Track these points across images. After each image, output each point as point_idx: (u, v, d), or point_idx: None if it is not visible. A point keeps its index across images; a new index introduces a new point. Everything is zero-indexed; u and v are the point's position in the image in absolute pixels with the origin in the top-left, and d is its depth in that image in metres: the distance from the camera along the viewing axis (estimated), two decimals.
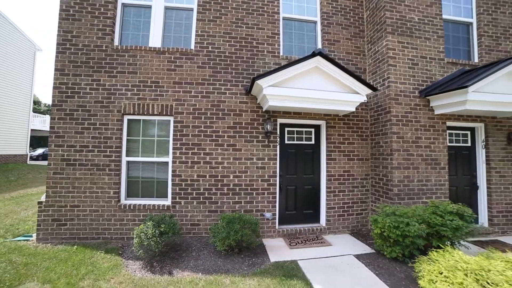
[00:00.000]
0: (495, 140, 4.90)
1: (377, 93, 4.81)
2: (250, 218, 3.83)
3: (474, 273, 2.42)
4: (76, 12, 4.46)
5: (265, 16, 4.81)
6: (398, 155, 4.43)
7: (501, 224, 4.81)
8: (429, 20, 4.81)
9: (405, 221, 3.39)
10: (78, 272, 3.23)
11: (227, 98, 4.51)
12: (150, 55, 4.51)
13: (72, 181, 4.27)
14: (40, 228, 4.18)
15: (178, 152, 4.39)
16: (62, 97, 4.33)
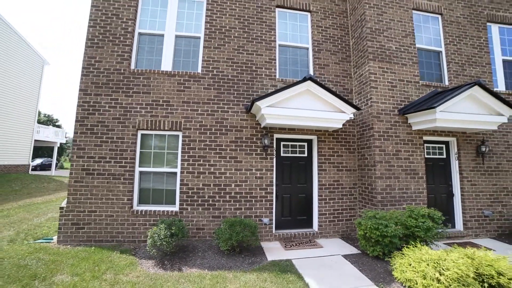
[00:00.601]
0: (466, 152, 5.57)
1: (362, 111, 5.49)
2: (249, 222, 4.36)
3: (433, 262, 2.99)
4: (100, 40, 5.14)
5: (263, 44, 5.54)
6: (381, 166, 5.05)
7: (474, 227, 5.38)
8: (405, 49, 5.58)
9: (384, 223, 3.96)
10: (100, 268, 3.71)
11: (230, 116, 5.15)
12: (162, 77, 5.17)
13: (91, 189, 4.79)
14: (60, 231, 4.66)
15: (186, 163, 4.96)
16: (84, 114, 4.93)
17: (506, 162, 5.71)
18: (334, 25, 6.01)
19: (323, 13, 6.04)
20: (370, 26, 5.48)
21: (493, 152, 5.69)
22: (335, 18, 6.06)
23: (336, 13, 6.09)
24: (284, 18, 5.88)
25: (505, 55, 6.19)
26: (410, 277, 3.07)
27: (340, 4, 6.18)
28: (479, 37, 6.01)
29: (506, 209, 5.56)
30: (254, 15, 5.66)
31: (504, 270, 3.00)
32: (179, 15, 5.54)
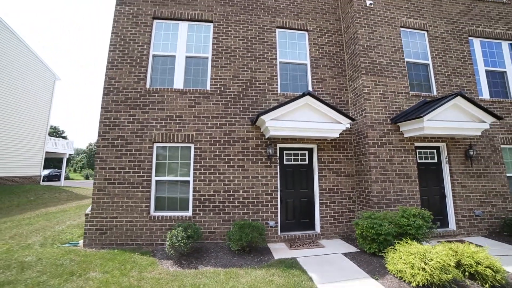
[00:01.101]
0: (456, 156, 6.04)
1: (357, 121, 6.01)
2: (257, 224, 4.84)
3: (420, 254, 3.45)
4: (119, 63, 5.77)
5: (265, 62, 6.14)
6: (376, 171, 5.53)
7: (466, 226, 5.80)
8: (395, 63, 6.14)
9: (379, 222, 4.42)
10: (126, 267, 4.19)
11: (237, 129, 5.70)
12: (175, 95, 5.76)
13: (112, 197, 5.32)
14: (86, 236, 5.17)
15: (198, 172, 5.49)
16: (106, 129, 5.50)
17: (493, 164, 6.16)
18: (330, 43, 6.61)
19: (319, 31, 6.65)
20: (362, 44, 6.06)
21: (480, 155, 6.16)
22: (331, 36, 6.66)
23: (331, 31, 6.70)
24: (283, 37, 6.50)
25: (487, 66, 6.73)
26: (401, 268, 3.53)
27: (334, 23, 6.80)
28: (463, 50, 6.57)
29: (495, 209, 5.98)
30: (257, 36, 6.28)
31: (482, 260, 3.45)
32: (188, 37, 6.18)
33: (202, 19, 6.24)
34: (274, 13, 6.52)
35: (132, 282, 3.73)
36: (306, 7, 6.73)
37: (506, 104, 6.51)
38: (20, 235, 6.45)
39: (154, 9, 6.16)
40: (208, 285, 3.61)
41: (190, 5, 6.29)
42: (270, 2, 6.58)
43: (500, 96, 6.68)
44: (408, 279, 3.38)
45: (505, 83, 6.78)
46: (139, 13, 6.11)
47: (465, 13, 6.82)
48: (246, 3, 6.46)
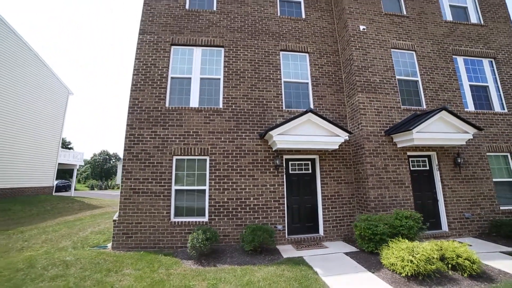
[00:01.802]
0: (445, 164, 6.69)
1: (355, 133, 6.73)
2: (267, 227, 5.49)
3: (408, 249, 4.08)
4: (142, 85, 6.57)
5: (271, 82, 6.93)
6: (372, 178, 6.19)
7: (457, 228, 6.39)
8: (387, 80, 6.90)
9: (375, 223, 5.06)
10: (154, 266, 4.84)
11: (247, 142, 6.43)
12: (191, 112, 6.53)
13: (137, 205, 6.01)
14: (114, 239, 5.83)
15: (213, 181, 6.18)
16: (131, 144, 6.25)
17: (480, 171, 6.80)
18: (329, 63, 7.42)
19: (319, 53, 7.46)
20: (357, 64, 6.85)
21: (468, 162, 6.81)
22: (329, 57, 7.47)
23: (329, 53, 7.52)
24: (287, 59, 7.31)
25: (471, 81, 7.48)
26: (393, 261, 4.15)
27: (332, 45, 7.62)
28: (448, 68, 7.33)
29: (484, 212, 6.58)
30: (263, 59, 7.10)
31: (462, 253, 4.08)
32: (202, 61, 7.00)
33: (214, 44, 7.09)
34: (277, 38, 7.36)
35: (162, 276, 4.38)
36: (306, 32, 7.58)
37: (489, 116, 7.21)
38: (50, 240, 7.13)
39: (172, 37, 7.02)
40: (228, 278, 4.25)
41: (203, 33, 7.15)
42: (274, 28, 7.44)
43: (484, 108, 7.38)
44: (399, 270, 4.01)
45: (488, 96, 7.50)
46: (159, 40, 6.97)
47: (448, 34, 7.63)
48: (253, 30, 7.32)
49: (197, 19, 7.28)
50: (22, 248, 6.46)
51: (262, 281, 4.05)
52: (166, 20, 7.17)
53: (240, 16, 7.41)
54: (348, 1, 7.35)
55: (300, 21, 7.68)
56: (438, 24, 7.72)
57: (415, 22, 7.62)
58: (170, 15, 7.24)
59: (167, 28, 7.10)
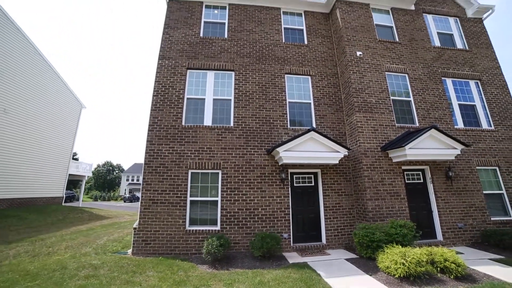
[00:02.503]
0: (438, 177, 7.31)
1: (353, 149, 7.41)
2: (275, 235, 6.08)
3: (401, 253, 4.66)
4: (161, 105, 7.38)
5: (277, 102, 7.72)
6: (370, 190, 6.81)
7: (451, 237, 6.92)
8: (382, 101, 7.65)
9: (372, 231, 5.65)
10: (173, 269, 5.42)
11: (255, 157, 7.13)
12: (205, 130, 7.28)
13: (155, 214, 6.65)
14: (134, 246, 6.43)
15: (224, 193, 6.84)
16: (150, 158, 6.97)
17: (471, 183, 7.40)
18: (329, 85, 8.23)
19: (320, 76, 8.29)
20: (354, 87, 7.64)
21: (459, 176, 7.42)
22: (329, 79, 8.29)
23: (330, 75, 8.35)
24: (291, 81, 8.14)
25: (459, 100, 8.22)
26: (388, 265, 4.73)
27: (332, 69, 8.46)
28: (438, 89, 8.10)
29: (476, 222, 7.12)
30: (270, 81, 7.93)
31: (449, 258, 4.66)
32: (215, 83, 7.84)
33: (225, 68, 7.95)
34: (283, 62, 8.23)
35: (182, 278, 4.97)
36: (308, 56, 8.45)
37: (477, 132, 7.89)
38: (71, 247, 7.71)
39: (188, 62, 7.90)
40: (241, 279, 4.83)
41: (215, 58, 8.04)
42: (279, 53, 8.32)
43: (472, 125, 8.08)
44: (392, 272, 4.58)
45: (475, 114, 8.21)
46: (176, 65, 7.85)
47: (437, 58, 8.46)
48: (260, 55, 8.20)
49: (210, 45, 8.19)
50: (48, 253, 7.05)
51: (272, 281, 4.63)
52: (183, 47, 8.09)
53: (249, 43, 8.32)
54: (345, 30, 8.25)
55: (302, 46, 8.57)
56: (428, 49, 8.57)
57: (407, 48, 8.48)
58: (186, 42, 8.16)
59: (183, 53, 8.00)
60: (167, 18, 8.38)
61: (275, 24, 8.72)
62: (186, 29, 8.33)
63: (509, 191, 7.42)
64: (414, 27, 8.83)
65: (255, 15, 8.76)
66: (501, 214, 7.34)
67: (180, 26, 8.34)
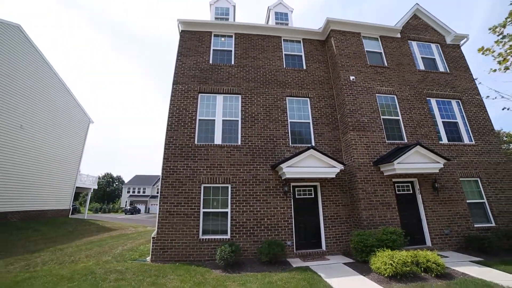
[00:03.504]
0: (425, 188, 8.22)
1: (348, 164, 8.35)
2: (280, 242, 6.91)
3: (390, 255, 5.52)
4: (175, 126, 8.35)
5: (279, 122, 8.71)
6: (364, 201, 7.70)
7: (439, 243, 7.75)
8: (374, 120, 8.66)
9: (365, 238, 6.50)
10: (190, 273, 6.21)
11: (261, 173, 8.05)
12: (216, 148, 8.22)
13: (171, 224, 7.47)
14: (153, 253, 7.22)
15: (234, 205, 7.71)
16: (167, 174, 7.87)
17: (455, 193, 8.31)
18: (326, 105, 9.26)
19: (318, 97, 9.34)
20: (349, 108, 8.66)
21: (445, 186, 8.34)
22: (326, 101, 9.34)
23: (326, 97, 9.40)
24: (292, 103, 9.17)
25: (443, 118, 9.26)
26: (378, 266, 5.56)
27: (329, 91, 9.52)
28: (423, 108, 9.15)
29: (461, 228, 7.97)
30: (273, 103, 8.95)
31: (431, 259, 5.52)
32: (224, 106, 8.85)
33: (233, 92, 8.98)
34: (284, 86, 9.29)
35: (200, 280, 5.77)
36: (307, 80, 9.53)
37: (460, 147, 8.88)
38: (91, 256, 8.46)
39: (199, 86, 8.94)
40: (252, 280, 5.64)
41: (224, 83, 9.09)
42: (281, 78, 9.40)
43: (455, 141, 9.07)
44: (382, 272, 5.42)
45: (458, 131, 9.23)
46: (188, 89, 8.88)
47: (422, 81, 9.56)
48: (264, 80, 9.27)
49: (219, 71, 9.26)
50: (72, 261, 7.80)
51: (279, 281, 5.45)
52: (194, 73, 9.16)
53: (253, 69, 9.41)
54: (339, 57, 9.37)
55: (302, 71, 9.67)
56: (413, 73, 9.69)
57: (395, 72, 9.59)
58: (197, 68, 9.24)
59: (195, 79, 9.06)
60: (180, 47, 9.50)
61: (277, 51, 9.85)
62: (197, 56, 9.43)
63: (490, 200, 8.33)
64: (400, 53, 9.99)
65: (259, 43, 9.90)
66: (483, 221, 8.21)
67: (192, 54, 9.44)
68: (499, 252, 7.03)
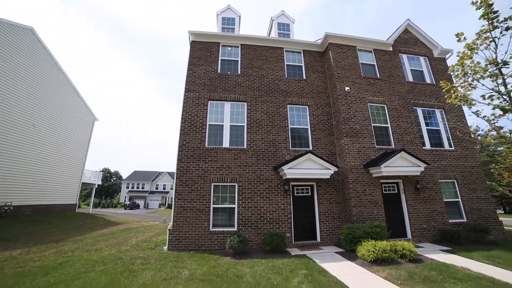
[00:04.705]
0: (409, 189, 9.51)
1: (341, 167, 9.58)
2: (280, 234, 8.15)
3: (372, 244, 6.79)
4: (188, 130, 9.46)
5: (281, 128, 9.88)
6: (354, 200, 8.95)
7: (418, 236, 9.08)
8: (365, 128, 9.87)
9: (354, 230, 7.77)
10: (204, 259, 7.41)
11: (264, 173, 9.24)
12: (224, 151, 9.37)
13: (185, 218, 8.65)
14: (169, 243, 8.41)
15: (240, 201, 8.90)
16: (181, 174, 9.01)
17: (434, 193, 9.62)
18: (323, 113, 10.44)
19: (316, 105, 10.51)
20: (343, 116, 9.85)
21: (426, 187, 9.64)
22: (323, 109, 10.51)
23: (323, 105, 10.57)
24: (292, 110, 10.33)
25: (427, 126, 10.53)
26: (363, 253, 6.83)
27: (325, 99, 10.70)
28: (410, 116, 10.39)
29: (437, 224, 9.30)
30: (275, 110, 10.10)
31: (406, 247, 6.80)
32: (231, 112, 9.97)
33: (239, 100, 10.10)
34: (285, 95, 10.43)
35: (214, 264, 6.98)
36: (306, 90, 10.68)
37: (441, 152, 10.17)
38: (110, 245, 9.61)
39: (209, 94, 10.04)
40: (258, 264, 6.87)
41: (231, 91, 10.19)
42: (283, 87, 10.53)
43: (437, 146, 10.36)
44: (366, 258, 6.69)
45: (440, 137, 10.51)
46: (199, 97, 9.97)
47: (410, 91, 10.78)
48: (268, 89, 10.39)
49: (227, 80, 10.36)
50: (96, 250, 8.94)
51: (281, 265, 6.70)
52: (204, 81, 10.23)
53: (258, 78, 10.52)
54: (336, 68, 10.52)
55: (301, 81, 10.81)
56: (403, 84, 10.90)
57: (386, 83, 10.78)
58: (207, 77, 10.31)
59: (205, 87, 10.14)
60: (191, 57, 10.54)
61: (279, 62, 10.96)
62: (207, 66, 10.49)
63: (464, 199, 9.68)
64: (392, 65, 11.17)
65: (263, 54, 10.99)
66: (457, 217, 9.57)
67: (202, 64, 10.50)
68: (466, 242, 8.40)
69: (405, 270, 5.89)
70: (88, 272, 6.21)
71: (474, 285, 4.92)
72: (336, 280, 5.48)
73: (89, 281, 5.60)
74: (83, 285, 5.37)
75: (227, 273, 6.13)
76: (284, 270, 6.20)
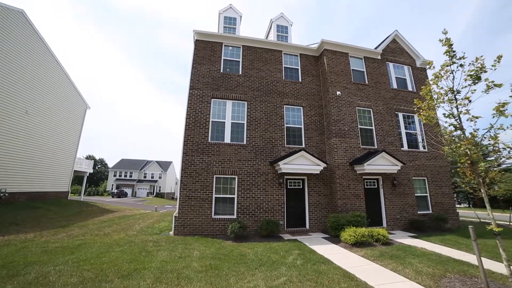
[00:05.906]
0: (387, 184, 11.04)
1: (330, 164, 10.91)
2: (275, 221, 9.42)
3: (353, 230, 8.21)
4: (192, 126, 10.37)
5: (277, 127, 11.00)
6: (340, 193, 10.35)
7: (392, 225, 10.68)
8: (352, 129, 11.20)
9: (338, 219, 9.17)
10: (210, 242, 8.55)
11: (261, 167, 10.40)
12: (225, 146, 10.40)
13: (190, 206, 9.71)
14: (175, 228, 9.47)
15: (239, 192, 10.05)
16: (186, 166, 9.98)
17: (408, 189, 11.22)
18: (316, 114, 11.64)
19: (309, 106, 11.68)
20: (334, 118, 11.10)
21: (401, 183, 11.21)
22: (316, 110, 11.71)
23: (316, 107, 11.76)
24: (288, 111, 11.45)
25: (406, 129, 12.05)
26: (346, 237, 8.24)
27: (318, 101, 11.88)
28: (392, 120, 11.83)
29: (408, 214, 10.94)
30: (272, 110, 11.18)
31: (381, 233, 8.28)
32: (232, 110, 10.94)
33: (240, 99, 11.06)
34: (282, 96, 11.50)
35: (219, 246, 8.15)
36: (301, 92, 11.79)
37: (416, 153, 11.75)
38: (116, 231, 10.50)
39: (212, 92, 10.92)
40: (257, 246, 8.11)
41: (233, 91, 11.12)
42: (280, 89, 11.58)
43: (413, 148, 11.93)
44: (348, 241, 8.10)
45: (416, 139, 12.07)
46: (203, 95, 10.83)
47: (393, 97, 12.19)
48: (266, 90, 11.41)
49: (229, 80, 11.25)
50: (105, 234, 9.83)
51: (277, 247, 7.98)
52: (208, 80, 11.08)
53: (258, 79, 11.49)
54: (329, 74, 11.67)
55: (297, 83, 11.90)
56: (388, 90, 12.27)
57: (373, 89, 12.10)
58: (210, 76, 11.15)
59: (208, 86, 11.00)
60: (195, 55, 11.30)
61: (278, 64, 11.95)
62: (210, 65, 11.30)
63: (431, 194, 11.38)
64: (379, 72, 12.48)
65: (263, 56, 11.92)
66: (424, 209, 11.27)
67: (205, 62, 11.29)
68: (429, 230, 10.12)
69: (378, 250, 7.35)
70: (109, 252, 7.17)
71: (426, 259, 6.45)
72: (323, 257, 6.83)
73: (114, 258, 6.58)
74: (111, 260, 6.36)
75: (232, 252, 7.32)
76: (280, 250, 7.49)
